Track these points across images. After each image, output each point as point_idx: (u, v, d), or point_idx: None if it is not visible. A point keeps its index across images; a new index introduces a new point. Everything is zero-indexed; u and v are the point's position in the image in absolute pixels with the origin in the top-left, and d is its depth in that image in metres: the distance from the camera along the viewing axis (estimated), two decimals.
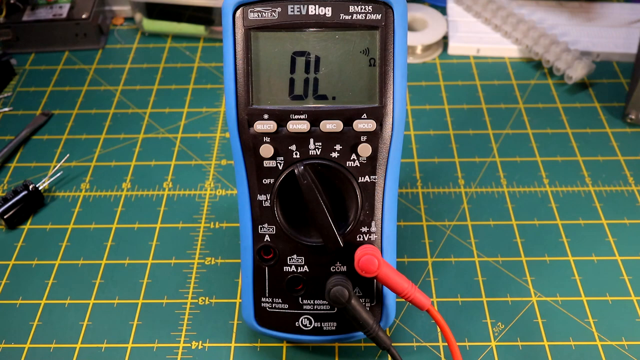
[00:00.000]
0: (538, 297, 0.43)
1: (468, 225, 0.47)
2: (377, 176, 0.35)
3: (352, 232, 0.36)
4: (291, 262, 0.37)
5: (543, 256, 0.45)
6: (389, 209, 0.36)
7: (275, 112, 0.35)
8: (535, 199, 0.49)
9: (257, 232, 0.37)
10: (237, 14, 0.34)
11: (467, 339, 0.40)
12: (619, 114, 0.56)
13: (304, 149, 0.35)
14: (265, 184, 0.36)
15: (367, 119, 0.34)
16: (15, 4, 0.64)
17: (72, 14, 0.64)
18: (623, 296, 0.43)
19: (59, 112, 0.58)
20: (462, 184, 0.50)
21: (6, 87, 0.61)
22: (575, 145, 0.53)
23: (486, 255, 0.45)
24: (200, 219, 0.48)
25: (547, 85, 0.59)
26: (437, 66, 0.62)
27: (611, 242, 0.46)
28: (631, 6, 0.66)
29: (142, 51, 0.64)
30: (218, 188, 0.51)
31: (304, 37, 0.34)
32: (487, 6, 0.64)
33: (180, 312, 0.42)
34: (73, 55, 0.64)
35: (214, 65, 0.62)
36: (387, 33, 0.34)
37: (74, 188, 0.51)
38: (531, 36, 0.60)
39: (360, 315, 0.35)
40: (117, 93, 0.60)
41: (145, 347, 0.41)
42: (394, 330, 0.41)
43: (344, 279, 0.36)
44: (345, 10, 0.34)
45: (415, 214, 0.48)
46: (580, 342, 0.40)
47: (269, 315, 0.38)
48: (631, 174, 0.51)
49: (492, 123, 0.55)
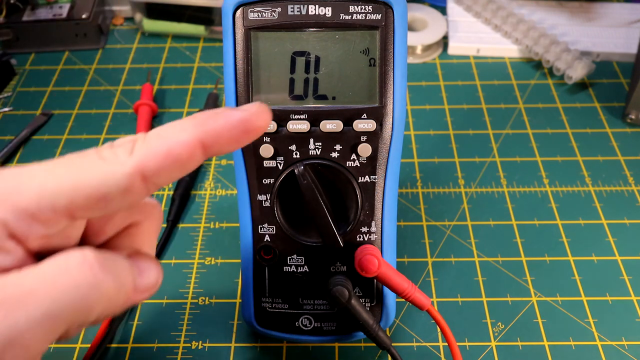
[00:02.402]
0: (538, 297, 0.43)
1: (468, 225, 0.47)
2: (377, 176, 0.35)
3: (352, 232, 0.36)
4: (291, 262, 0.37)
5: (543, 256, 0.45)
6: (389, 209, 0.36)
7: (275, 112, 0.35)
8: (535, 199, 0.49)
9: (257, 232, 0.37)
10: (237, 14, 0.34)
11: (467, 339, 0.40)
12: (619, 114, 0.56)
13: (304, 149, 0.35)
14: (265, 184, 0.36)
15: (367, 119, 0.34)
16: (15, 4, 0.64)
17: (72, 14, 0.64)
18: (623, 296, 0.43)
19: (59, 112, 0.58)
20: (462, 184, 0.50)
21: (6, 87, 0.61)
22: (575, 145, 0.53)
23: (486, 255, 0.45)
24: (200, 219, 0.48)
25: (547, 85, 0.59)
26: (437, 66, 0.62)
27: (611, 242, 0.46)
28: (631, 6, 0.66)
29: (142, 51, 0.64)
30: (218, 188, 0.51)
31: (304, 37, 0.34)
32: (487, 6, 0.64)
33: (180, 312, 0.42)
34: (73, 55, 0.64)
35: (214, 65, 0.62)
36: (387, 33, 0.34)
37: None
38: (531, 36, 0.60)
39: (360, 315, 0.35)
40: (117, 93, 0.60)
41: (145, 347, 0.41)
42: (394, 330, 0.41)
43: (344, 279, 0.36)
44: (345, 10, 0.34)
45: (415, 214, 0.48)
46: (580, 342, 0.40)
47: (269, 315, 0.38)
48: (631, 174, 0.51)
49: (492, 123, 0.55)
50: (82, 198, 0.25)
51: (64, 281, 0.23)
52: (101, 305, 0.25)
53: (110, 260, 0.25)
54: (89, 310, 0.24)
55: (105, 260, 0.25)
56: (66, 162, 0.26)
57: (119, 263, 0.26)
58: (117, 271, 0.25)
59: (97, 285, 0.24)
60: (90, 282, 0.24)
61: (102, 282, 0.24)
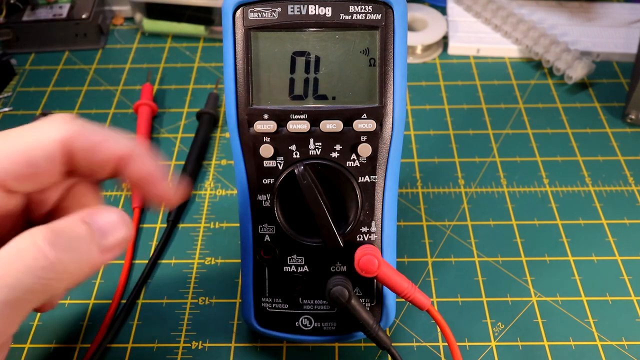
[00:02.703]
0: (538, 297, 0.43)
1: (468, 225, 0.47)
2: (377, 176, 0.35)
3: (352, 232, 0.36)
4: (291, 262, 0.37)
5: (543, 256, 0.45)
6: (389, 209, 0.36)
7: (275, 112, 0.35)
8: (535, 199, 0.49)
9: (257, 232, 0.37)
10: (237, 14, 0.34)
11: (467, 339, 0.40)
12: (619, 114, 0.56)
13: (304, 149, 0.35)
14: (265, 184, 0.36)
15: (367, 119, 0.34)
16: (15, 4, 0.64)
17: (72, 14, 0.64)
18: (623, 296, 0.43)
19: (59, 112, 0.58)
20: (462, 184, 0.50)
21: (6, 87, 0.61)
22: (575, 145, 0.53)
23: (486, 255, 0.45)
24: (200, 219, 0.48)
25: (547, 85, 0.59)
26: (437, 66, 0.62)
27: (611, 242, 0.46)
28: (631, 6, 0.66)
29: (142, 51, 0.64)
30: (218, 188, 0.51)
31: (304, 37, 0.34)
32: (487, 6, 0.64)
33: (180, 312, 0.42)
34: (73, 55, 0.64)
35: (214, 65, 0.62)
36: (387, 33, 0.34)
37: None
38: (531, 36, 0.60)
39: (360, 315, 0.35)
40: (117, 93, 0.60)
41: (145, 347, 0.41)
42: (394, 330, 0.41)
43: (344, 279, 0.36)
44: (345, 10, 0.34)
45: (415, 214, 0.48)
46: (580, 342, 0.40)
47: (269, 315, 0.38)
48: (631, 174, 0.51)
49: (492, 123, 0.55)
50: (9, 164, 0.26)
51: (17, 266, 0.24)
52: (64, 279, 0.25)
53: (62, 236, 0.25)
54: (50, 288, 0.25)
55: (56, 238, 0.25)
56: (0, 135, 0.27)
57: (73, 235, 0.26)
58: (72, 245, 0.26)
59: (51, 266, 0.25)
60: (42, 264, 0.24)
61: (56, 261, 0.25)
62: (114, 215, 0.29)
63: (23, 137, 0.28)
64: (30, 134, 0.28)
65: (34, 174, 0.28)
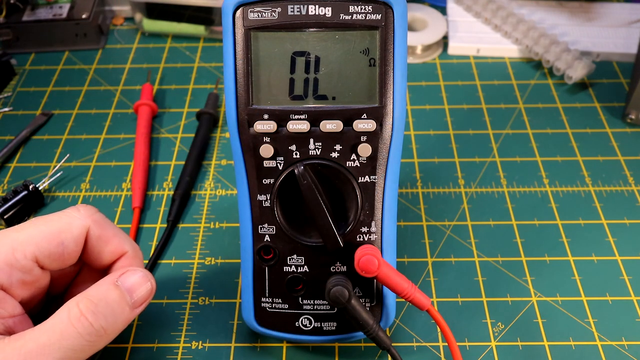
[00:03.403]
0: (538, 297, 0.43)
1: (468, 225, 0.47)
2: (377, 176, 0.35)
3: (352, 232, 0.36)
4: (291, 262, 0.37)
5: (543, 256, 0.45)
6: (389, 209, 0.36)
7: (275, 112, 0.35)
8: (535, 199, 0.49)
9: (257, 232, 0.37)
10: (237, 14, 0.34)
11: (467, 339, 0.40)
12: (619, 114, 0.56)
13: (304, 149, 0.35)
14: (265, 184, 0.36)
15: (367, 119, 0.34)
16: (15, 4, 0.64)
17: (72, 14, 0.64)
18: (623, 296, 0.43)
19: (59, 112, 0.58)
20: (462, 184, 0.50)
21: (6, 87, 0.61)
22: (575, 145, 0.53)
23: (486, 255, 0.45)
24: (200, 219, 0.48)
25: (547, 85, 0.59)
26: (437, 66, 0.62)
27: (611, 242, 0.46)
28: (631, 6, 0.66)
29: (142, 51, 0.64)
30: (218, 188, 0.51)
31: (304, 37, 0.34)
32: (487, 6, 0.64)
33: (180, 312, 0.42)
34: (73, 55, 0.64)
35: (214, 65, 0.62)
36: (387, 33, 0.34)
37: (74, 188, 0.51)
38: (531, 36, 0.60)
39: (360, 315, 0.35)
40: (117, 93, 0.60)
41: (145, 347, 0.41)
42: (394, 330, 0.41)
43: (344, 279, 0.36)
44: (345, 10, 0.34)
45: (415, 214, 0.48)
46: (580, 342, 0.40)
47: (269, 315, 0.38)
48: (631, 174, 0.51)
49: (492, 123, 0.55)
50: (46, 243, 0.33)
51: (69, 332, 0.30)
52: (104, 338, 0.32)
53: (100, 305, 0.32)
54: (95, 347, 0.31)
55: (95, 307, 0.31)
56: (33, 221, 0.34)
57: (109, 300, 0.32)
58: (109, 310, 0.32)
59: (96, 332, 0.31)
60: (89, 330, 0.31)
61: (98, 327, 0.31)
62: (139, 272, 0.34)
63: (54, 221, 0.34)
64: (61, 220, 0.34)
65: (61, 254, 0.34)
